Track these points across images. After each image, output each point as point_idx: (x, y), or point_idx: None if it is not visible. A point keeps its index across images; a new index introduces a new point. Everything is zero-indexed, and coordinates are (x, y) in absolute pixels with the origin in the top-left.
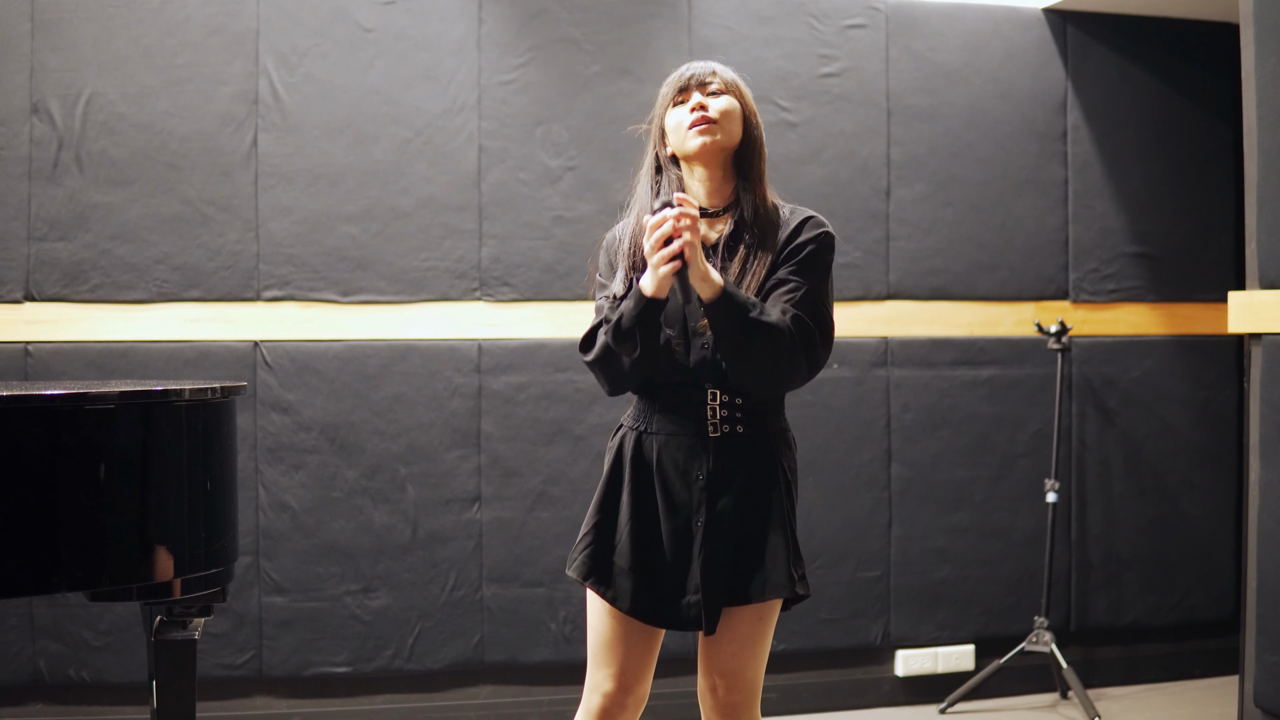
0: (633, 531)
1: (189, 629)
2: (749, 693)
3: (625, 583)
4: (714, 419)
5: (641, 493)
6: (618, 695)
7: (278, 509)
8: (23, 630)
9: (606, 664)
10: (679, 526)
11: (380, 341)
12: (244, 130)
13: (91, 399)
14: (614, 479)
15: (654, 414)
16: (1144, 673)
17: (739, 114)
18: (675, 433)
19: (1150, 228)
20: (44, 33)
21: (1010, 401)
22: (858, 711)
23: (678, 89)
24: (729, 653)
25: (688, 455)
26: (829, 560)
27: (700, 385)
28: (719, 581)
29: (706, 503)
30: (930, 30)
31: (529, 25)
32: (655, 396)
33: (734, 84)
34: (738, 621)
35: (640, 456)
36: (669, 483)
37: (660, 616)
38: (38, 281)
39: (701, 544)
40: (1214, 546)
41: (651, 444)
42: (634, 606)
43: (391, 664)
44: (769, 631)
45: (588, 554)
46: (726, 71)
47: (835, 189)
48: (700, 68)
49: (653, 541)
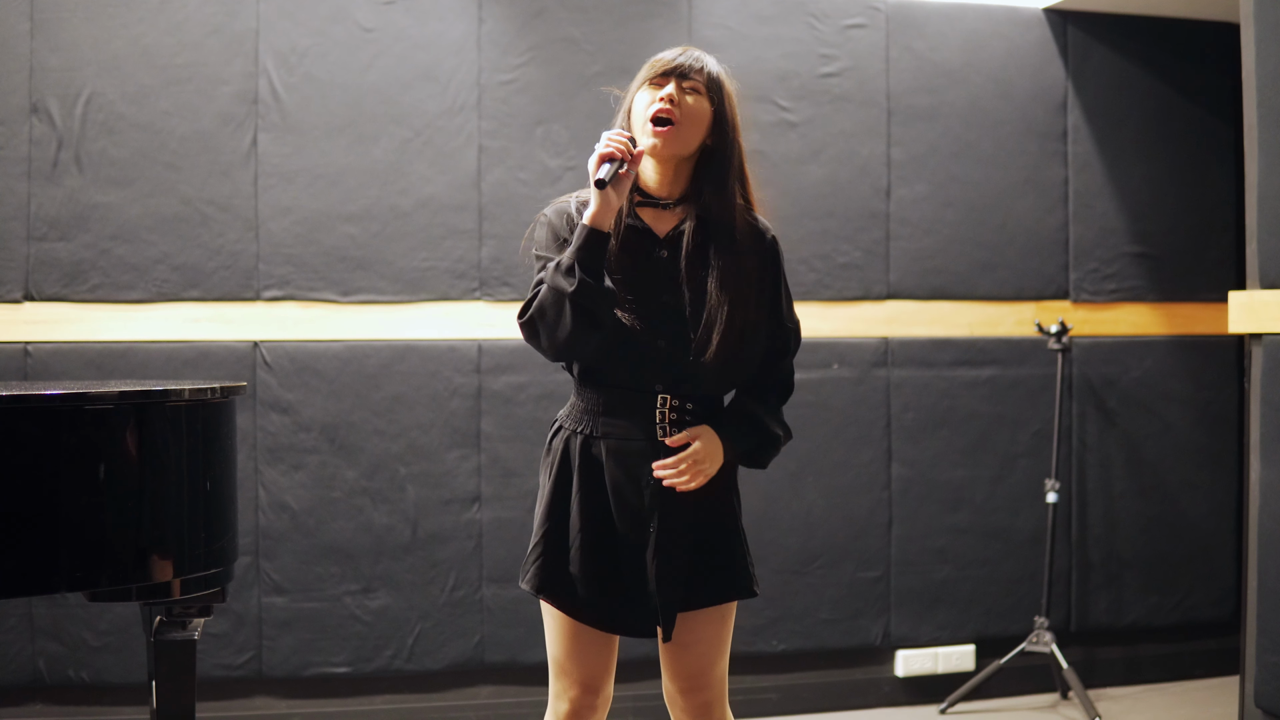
0: (584, 539)
1: (189, 629)
2: (719, 689)
3: (579, 592)
4: (663, 423)
5: (592, 499)
6: (584, 699)
7: (278, 509)
8: (23, 630)
9: (569, 672)
10: (632, 532)
11: (380, 341)
12: (244, 130)
13: (91, 399)
14: (561, 485)
15: (599, 417)
16: (1144, 673)
17: (706, 120)
18: (624, 437)
19: (1150, 228)
20: (44, 33)
21: (1010, 401)
22: (858, 711)
23: (659, 71)
24: (696, 654)
25: (638, 460)
26: (829, 560)
27: (650, 389)
28: (675, 587)
29: (660, 508)
30: (930, 30)
31: (529, 25)
32: (600, 399)
33: (717, 86)
34: (701, 624)
35: (589, 461)
36: (620, 488)
37: (618, 624)
38: (37, 281)
39: (656, 550)
40: (1214, 546)
41: (600, 448)
42: (590, 615)
43: (391, 664)
44: (730, 628)
45: (539, 565)
46: (715, 69)
47: (835, 189)
48: (689, 59)
49: (606, 548)
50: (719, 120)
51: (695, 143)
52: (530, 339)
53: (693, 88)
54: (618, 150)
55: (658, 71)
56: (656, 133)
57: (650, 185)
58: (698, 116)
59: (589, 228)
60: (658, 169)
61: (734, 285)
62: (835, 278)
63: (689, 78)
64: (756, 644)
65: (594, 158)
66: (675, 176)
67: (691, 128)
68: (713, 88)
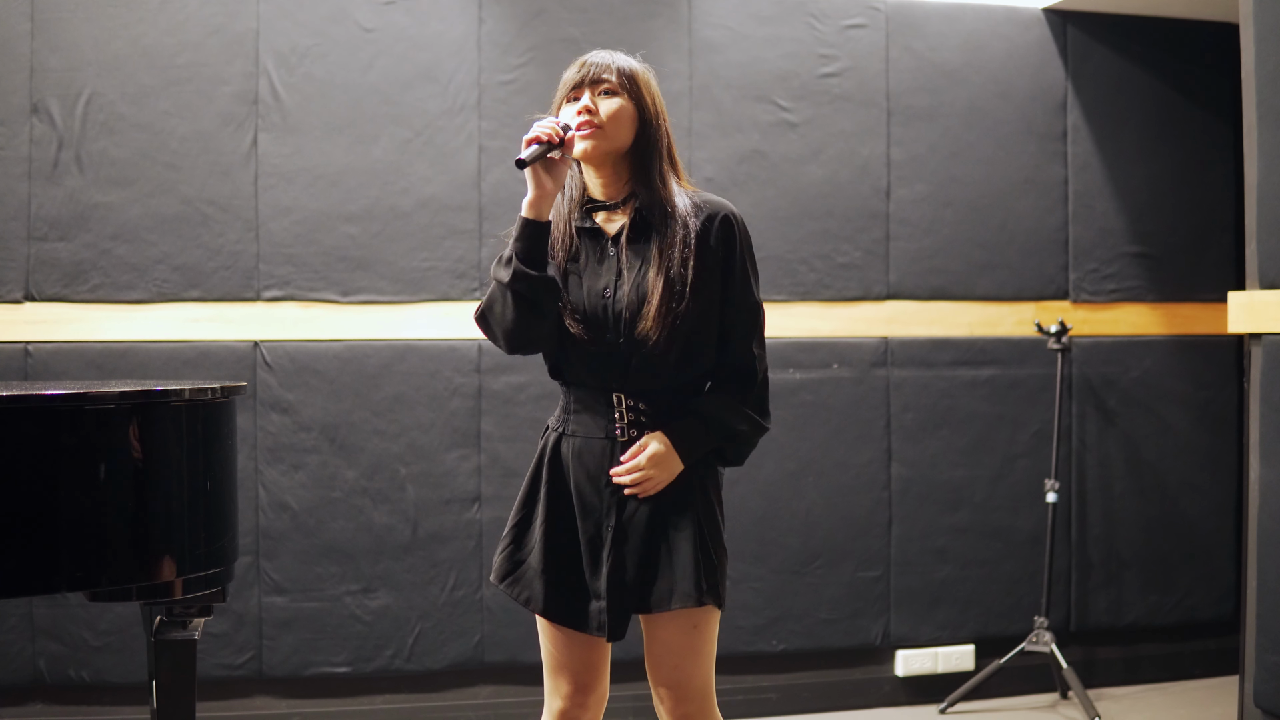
0: (545, 534)
1: (189, 629)
2: (700, 701)
3: (539, 584)
4: (621, 422)
5: (557, 495)
6: (576, 697)
7: (278, 509)
8: (23, 630)
9: (558, 671)
10: (590, 530)
11: (380, 341)
12: (244, 130)
13: (91, 399)
14: (534, 480)
15: (570, 415)
16: (1144, 673)
17: (629, 116)
18: (587, 436)
19: (1150, 228)
20: (44, 33)
21: (1010, 401)
22: (858, 711)
23: (572, 85)
24: (670, 664)
25: (597, 459)
26: (829, 560)
27: (607, 388)
28: (624, 588)
29: (615, 507)
30: (930, 30)
31: (529, 25)
32: (572, 398)
33: (631, 80)
34: (670, 632)
35: (557, 458)
36: (580, 486)
37: (573, 619)
38: (38, 281)
39: (609, 550)
40: (1214, 546)
41: (568, 446)
42: (548, 608)
43: (391, 664)
44: (707, 639)
45: (504, 555)
46: (625, 64)
47: (835, 189)
48: (596, 62)
49: (566, 544)
50: (640, 114)
51: (624, 138)
52: (485, 333)
53: (608, 90)
54: (544, 134)
55: (572, 85)
56: (584, 136)
57: (596, 191)
58: (618, 116)
59: (524, 218)
60: (597, 174)
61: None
62: (835, 278)
63: (601, 81)
64: (756, 644)
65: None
66: (615, 177)
67: (616, 126)
68: (627, 84)
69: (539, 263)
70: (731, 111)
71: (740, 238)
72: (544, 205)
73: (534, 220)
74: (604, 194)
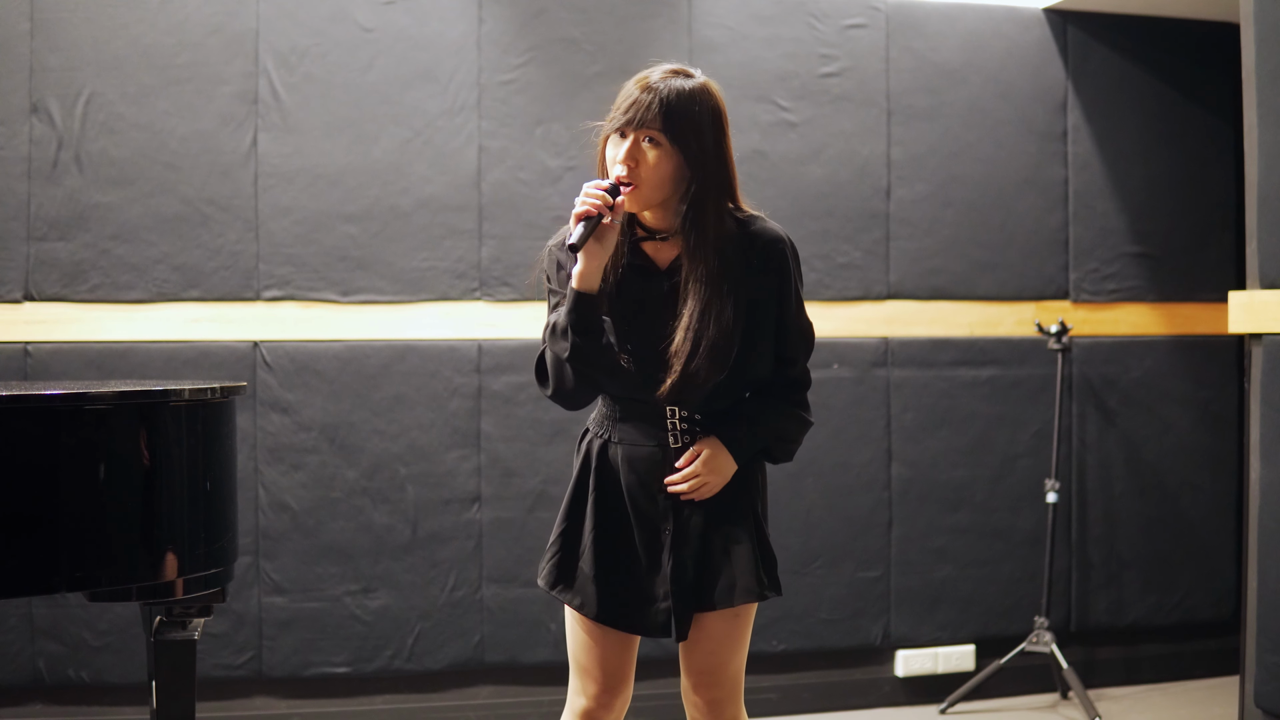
0: (596, 539)
1: (189, 629)
2: (730, 688)
3: (591, 589)
4: (674, 432)
5: (607, 501)
6: (602, 698)
7: (278, 509)
8: (23, 630)
9: (588, 672)
10: (646, 535)
11: (380, 341)
12: (244, 130)
13: (91, 399)
14: (580, 486)
15: (616, 423)
16: (1144, 673)
17: (669, 169)
18: (638, 443)
19: (1150, 228)
20: (44, 33)
21: (1010, 401)
22: (858, 711)
23: (619, 126)
24: (707, 650)
25: (649, 466)
26: (829, 560)
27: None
28: (688, 589)
29: (672, 512)
30: (930, 30)
31: (529, 25)
32: (616, 407)
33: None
34: (712, 623)
35: (605, 465)
36: (634, 493)
37: (630, 623)
38: (37, 281)
39: (670, 553)
40: (1214, 546)
41: (616, 453)
42: (602, 613)
43: (391, 664)
44: (746, 628)
45: (555, 561)
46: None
47: (835, 189)
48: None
49: (618, 549)
50: (690, 155)
51: (662, 194)
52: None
53: (650, 138)
54: (593, 208)
55: (618, 121)
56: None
57: (648, 220)
58: (658, 171)
59: (576, 290)
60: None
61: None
62: (835, 278)
63: (646, 127)
64: (757, 644)
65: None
66: (665, 210)
67: (653, 186)
68: (673, 127)
69: (592, 329)
70: (731, 111)
71: (793, 265)
72: (596, 277)
73: (586, 293)
74: (654, 223)
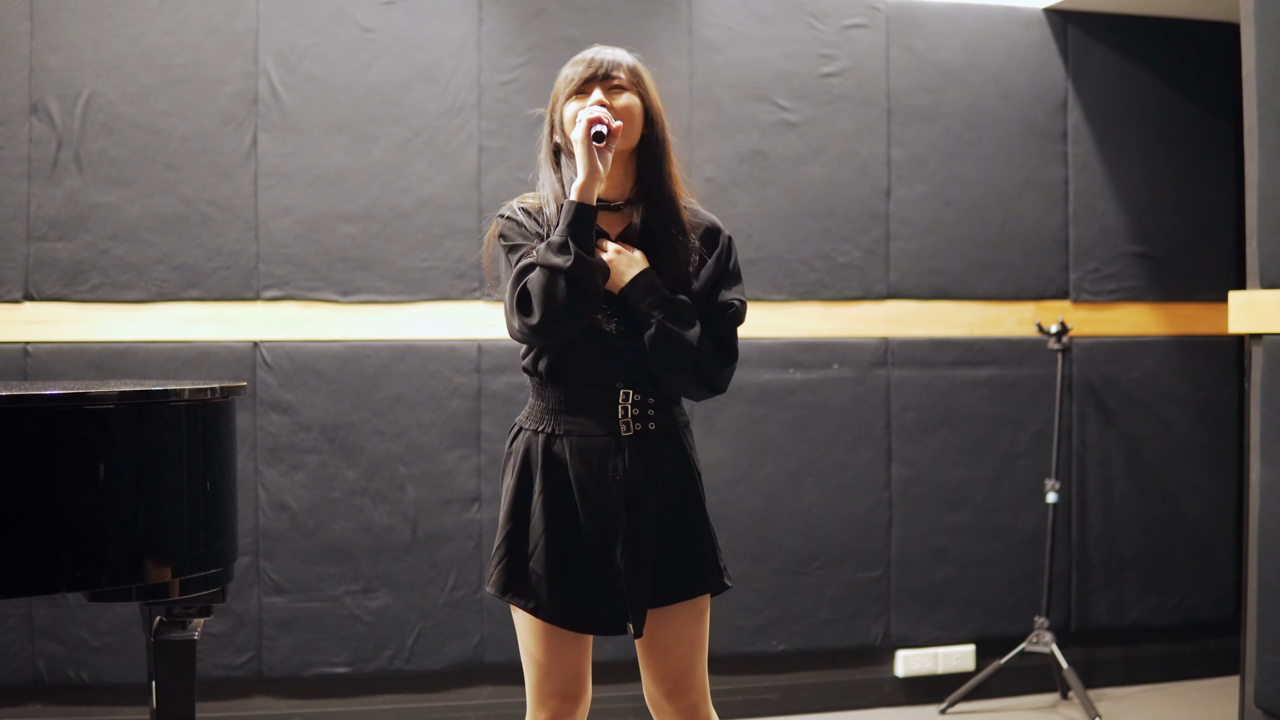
0: (548, 537)
1: (188, 629)
2: (701, 689)
3: (544, 591)
4: (625, 417)
5: (556, 497)
6: (566, 705)
7: (278, 509)
8: (22, 630)
9: (549, 678)
10: (599, 528)
11: (380, 341)
12: (244, 130)
13: (91, 399)
14: (523, 485)
15: (560, 414)
16: (1144, 673)
17: (639, 113)
18: (587, 433)
19: (1150, 228)
20: (43, 32)
21: (1010, 401)
22: (858, 712)
23: (581, 80)
24: (676, 655)
25: (601, 455)
26: (829, 560)
27: (611, 385)
28: (644, 583)
29: (625, 502)
30: (930, 30)
31: (529, 25)
32: (562, 396)
33: (638, 78)
34: (678, 625)
35: (551, 459)
36: (585, 485)
37: (585, 623)
38: (37, 281)
39: (624, 545)
40: (1214, 546)
41: (562, 446)
42: (556, 614)
43: (391, 664)
44: (706, 626)
45: (503, 566)
46: (629, 60)
47: (835, 189)
48: (606, 59)
49: (570, 546)
50: (647, 111)
51: (637, 135)
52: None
53: (618, 85)
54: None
55: (581, 80)
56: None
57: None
58: (632, 111)
59: (576, 202)
60: None
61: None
62: (835, 278)
63: (611, 77)
64: (756, 644)
65: (581, 125)
66: (622, 176)
67: (630, 124)
68: (636, 83)
69: (591, 246)
70: (731, 111)
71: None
72: (595, 190)
73: (585, 204)
74: (607, 192)
